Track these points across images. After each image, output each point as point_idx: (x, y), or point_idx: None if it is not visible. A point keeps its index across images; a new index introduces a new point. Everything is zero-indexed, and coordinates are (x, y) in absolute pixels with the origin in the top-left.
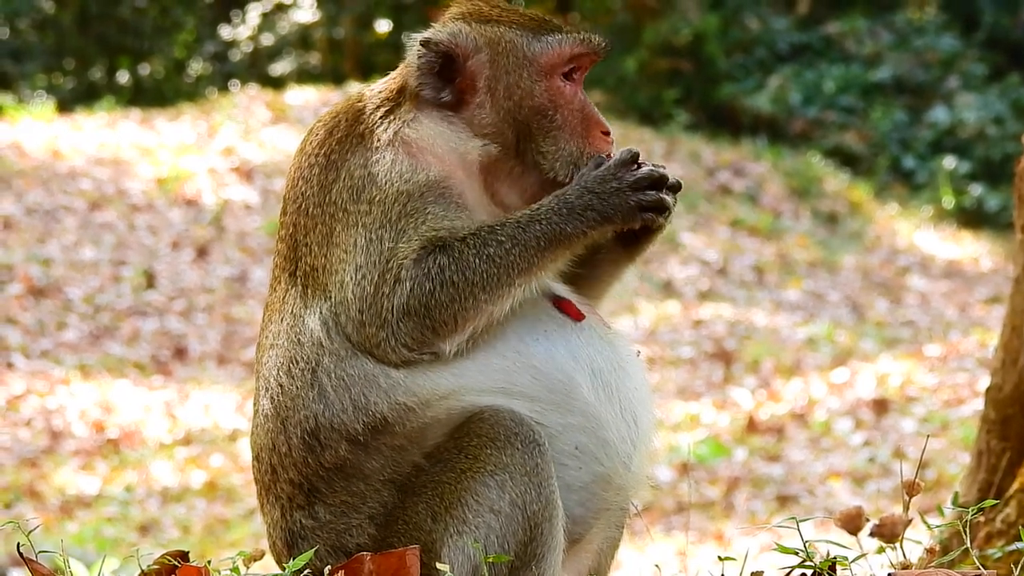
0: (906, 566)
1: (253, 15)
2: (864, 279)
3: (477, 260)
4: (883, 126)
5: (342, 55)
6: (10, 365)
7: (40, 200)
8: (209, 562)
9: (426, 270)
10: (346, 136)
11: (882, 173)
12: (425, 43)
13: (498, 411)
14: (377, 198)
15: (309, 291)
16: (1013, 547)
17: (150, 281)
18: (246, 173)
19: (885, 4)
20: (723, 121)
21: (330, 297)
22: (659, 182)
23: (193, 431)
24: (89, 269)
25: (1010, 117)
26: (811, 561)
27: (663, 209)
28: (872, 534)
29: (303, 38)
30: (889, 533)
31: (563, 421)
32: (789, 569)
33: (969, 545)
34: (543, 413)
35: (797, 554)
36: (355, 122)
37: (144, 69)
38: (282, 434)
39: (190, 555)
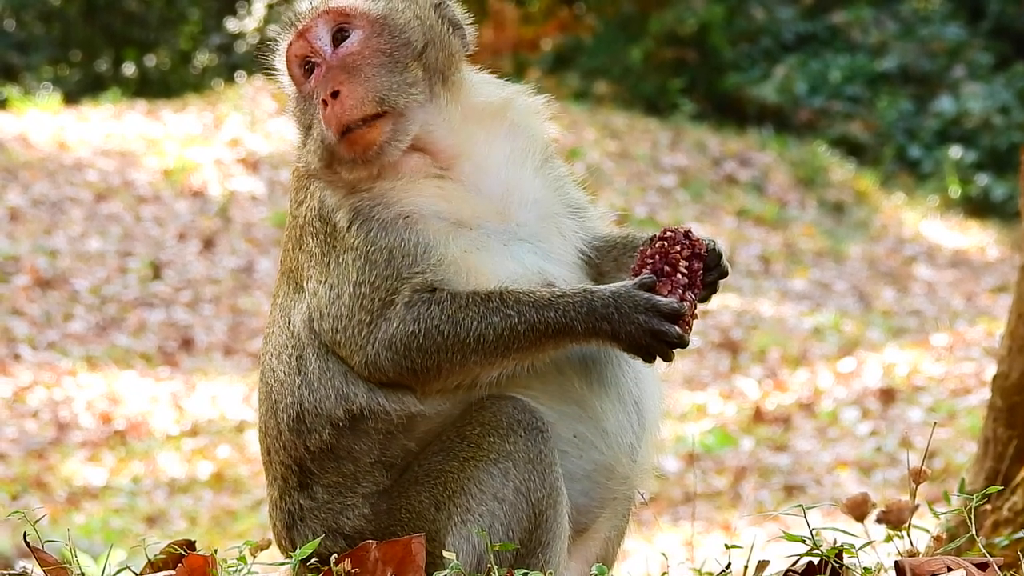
0: (913, 554)
1: (259, 6)
2: (870, 268)
3: (476, 323)
4: (889, 116)
5: None
6: (17, 356)
7: (46, 191)
8: (215, 551)
9: (416, 314)
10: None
11: (888, 162)
12: None
13: (500, 399)
14: (334, 222)
15: (292, 289)
16: (1020, 535)
17: (156, 272)
18: (252, 164)
19: None
20: (729, 111)
21: (305, 299)
22: (678, 342)
23: (200, 422)
24: (95, 260)
25: (1016, 106)
26: (818, 549)
27: (665, 358)
28: (879, 520)
29: None
30: (895, 519)
31: (558, 409)
32: (796, 557)
33: (975, 533)
34: (537, 399)
35: (804, 542)
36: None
37: (150, 60)
38: (272, 418)
39: (196, 545)
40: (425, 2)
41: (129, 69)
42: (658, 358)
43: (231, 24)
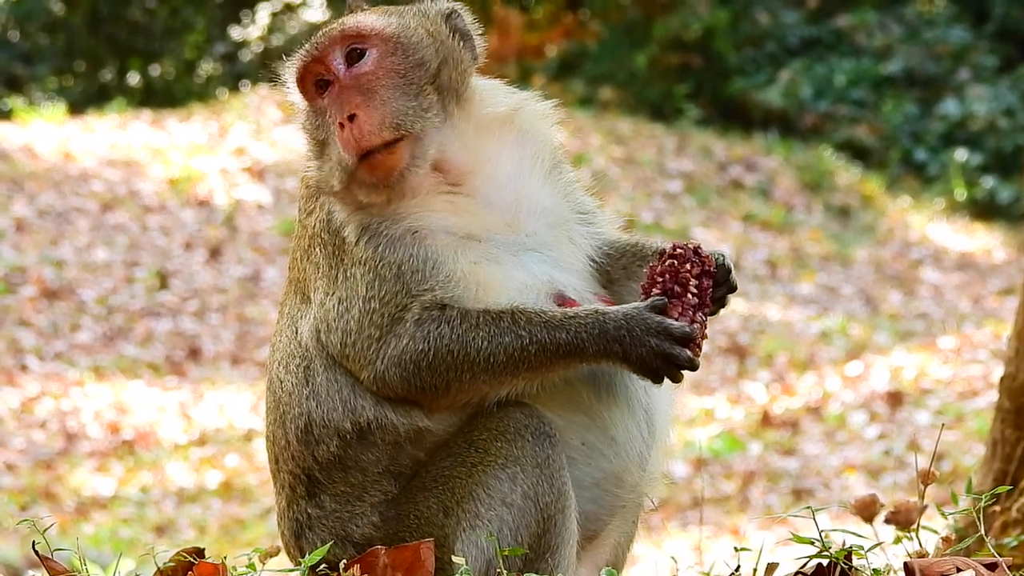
0: (922, 555)
1: (263, 15)
2: (877, 272)
3: (487, 343)
4: (894, 119)
5: None
6: (24, 367)
7: (52, 202)
8: (225, 558)
9: (425, 332)
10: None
11: (894, 166)
12: None
13: (508, 404)
14: (343, 235)
15: (299, 299)
16: None
17: (163, 282)
18: (258, 173)
19: None
20: (734, 116)
21: (312, 310)
22: (689, 366)
23: (208, 431)
24: (102, 270)
25: (1021, 109)
26: (827, 551)
27: (675, 380)
28: (887, 521)
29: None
30: (904, 520)
31: (566, 417)
32: (805, 559)
33: (984, 534)
34: (545, 408)
35: (813, 544)
36: None
37: (155, 70)
38: (280, 428)
39: (206, 553)
40: (436, 15)
41: (134, 79)
42: (666, 379)
43: (235, 33)
